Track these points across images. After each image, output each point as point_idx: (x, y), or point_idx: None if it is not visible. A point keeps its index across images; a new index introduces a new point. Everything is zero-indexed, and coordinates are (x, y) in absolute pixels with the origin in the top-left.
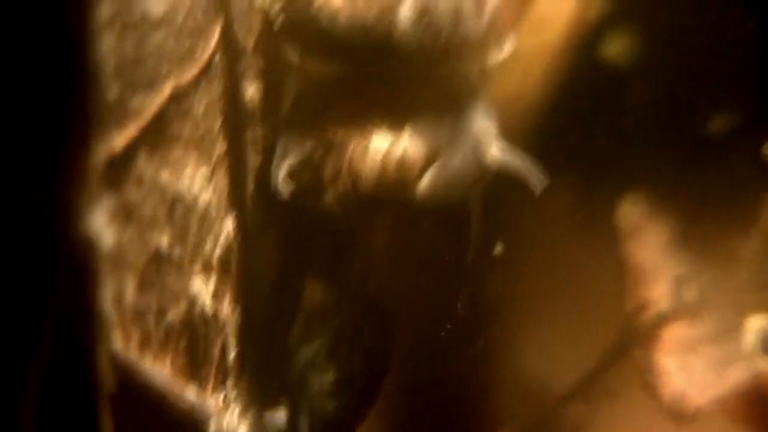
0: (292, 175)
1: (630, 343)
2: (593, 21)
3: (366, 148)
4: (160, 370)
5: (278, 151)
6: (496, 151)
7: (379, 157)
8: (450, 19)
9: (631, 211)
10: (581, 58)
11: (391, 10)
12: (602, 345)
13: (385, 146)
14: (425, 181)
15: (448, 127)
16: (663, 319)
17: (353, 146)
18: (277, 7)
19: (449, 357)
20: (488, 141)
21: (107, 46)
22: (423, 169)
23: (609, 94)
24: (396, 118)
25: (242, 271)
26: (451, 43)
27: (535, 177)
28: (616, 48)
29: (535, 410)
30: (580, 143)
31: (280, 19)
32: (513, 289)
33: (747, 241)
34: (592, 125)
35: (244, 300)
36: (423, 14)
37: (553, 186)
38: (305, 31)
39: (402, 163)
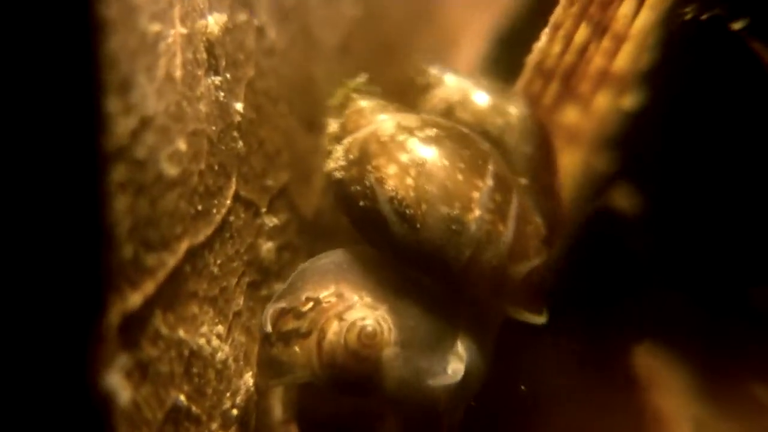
0: (276, 316)
1: None
2: (601, 173)
3: (341, 314)
4: None
5: (278, 292)
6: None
7: (346, 324)
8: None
9: (648, 360)
10: (591, 208)
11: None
12: None
13: (357, 316)
14: (387, 364)
15: (433, 335)
16: None
17: (334, 311)
18: (338, 173)
19: None
20: (452, 369)
21: (122, 207)
22: (382, 348)
23: (621, 242)
24: (382, 297)
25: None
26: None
27: None
28: (626, 199)
29: None
30: (591, 288)
31: (340, 186)
32: None
33: (766, 388)
34: (603, 272)
35: None
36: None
37: (568, 330)
38: (356, 208)
39: (364, 335)
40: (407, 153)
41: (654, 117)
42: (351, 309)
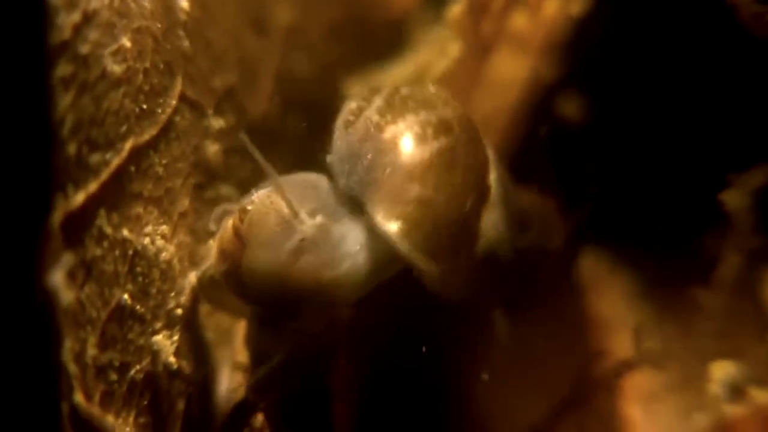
0: (219, 217)
1: (589, 391)
2: (549, 81)
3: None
4: (122, 427)
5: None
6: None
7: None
8: None
9: (592, 263)
10: (538, 117)
11: None
12: (560, 392)
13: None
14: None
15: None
16: (624, 368)
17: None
18: None
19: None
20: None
21: (65, 104)
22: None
23: (567, 149)
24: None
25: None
26: None
27: None
28: (571, 107)
29: None
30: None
31: None
32: (468, 333)
33: (707, 291)
34: (550, 180)
35: (208, 356)
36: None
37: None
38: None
39: (243, 212)
40: (388, 89)
41: (603, 22)
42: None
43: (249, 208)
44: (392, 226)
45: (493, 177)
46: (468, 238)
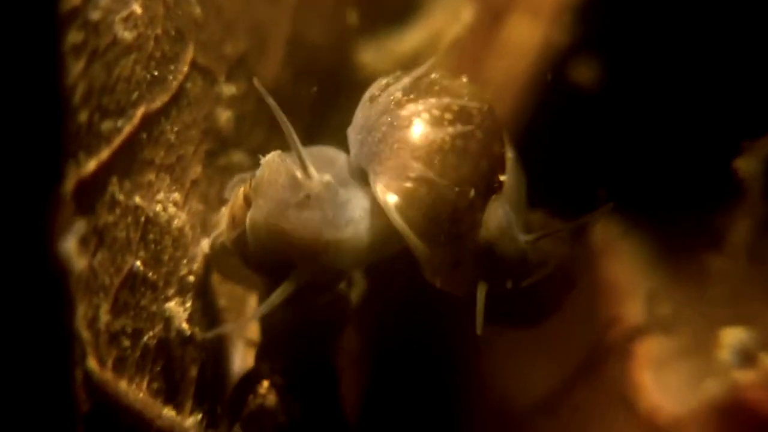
0: (234, 185)
1: (601, 358)
2: (562, 46)
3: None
4: (136, 393)
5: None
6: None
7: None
8: None
9: (603, 229)
10: (551, 83)
11: None
12: (571, 360)
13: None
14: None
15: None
16: (636, 334)
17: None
18: None
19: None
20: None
21: (77, 71)
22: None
23: (580, 115)
24: None
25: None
26: None
27: None
28: (585, 73)
29: (498, 423)
30: (552, 163)
31: None
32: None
33: (718, 257)
34: (562, 146)
35: (221, 323)
36: None
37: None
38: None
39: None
40: (420, 69)
41: None
42: None
43: (258, 173)
44: (390, 198)
45: (506, 177)
46: (466, 228)
